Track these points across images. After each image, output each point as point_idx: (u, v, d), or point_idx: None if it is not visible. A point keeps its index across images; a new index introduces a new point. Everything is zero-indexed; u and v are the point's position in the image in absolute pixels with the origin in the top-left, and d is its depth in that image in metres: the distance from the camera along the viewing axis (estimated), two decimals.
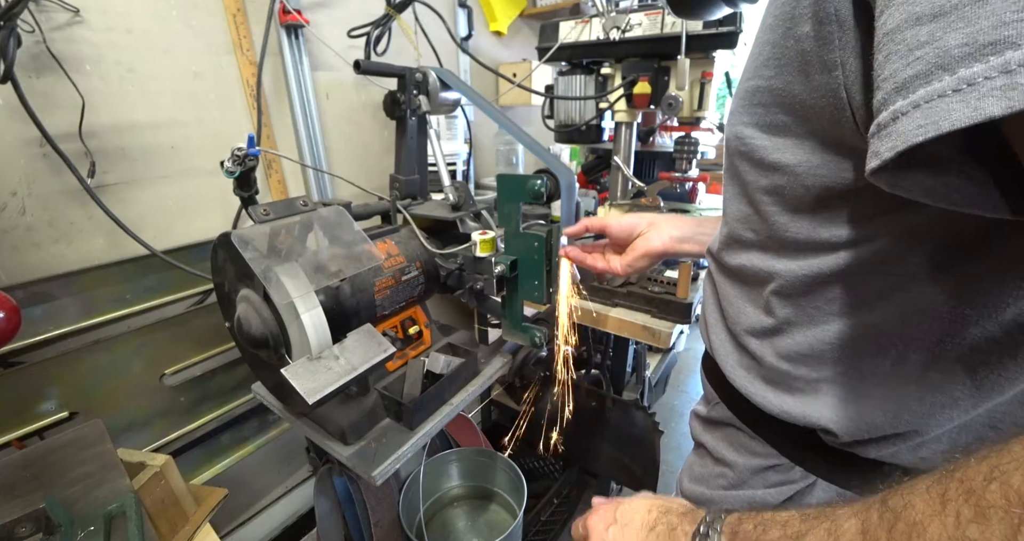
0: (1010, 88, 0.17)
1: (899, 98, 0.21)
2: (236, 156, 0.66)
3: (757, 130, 0.37)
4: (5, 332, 0.65)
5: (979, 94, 0.18)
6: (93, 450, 0.65)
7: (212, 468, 1.17)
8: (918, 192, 0.23)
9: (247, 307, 0.66)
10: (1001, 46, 0.18)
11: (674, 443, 1.93)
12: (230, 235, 0.63)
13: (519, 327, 0.82)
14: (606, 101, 1.13)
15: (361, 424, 0.76)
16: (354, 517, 0.97)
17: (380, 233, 0.85)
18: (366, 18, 1.19)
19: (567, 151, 1.66)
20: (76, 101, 0.83)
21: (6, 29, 0.71)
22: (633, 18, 1.03)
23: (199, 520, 0.76)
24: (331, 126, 1.27)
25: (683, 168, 1.13)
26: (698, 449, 0.56)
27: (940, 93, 0.19)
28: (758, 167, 0.38)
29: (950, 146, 0.20)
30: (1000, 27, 0.18)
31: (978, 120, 0.18)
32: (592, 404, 1.37)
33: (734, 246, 0.44)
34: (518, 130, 0.83)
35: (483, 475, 1.35)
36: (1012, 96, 0.17)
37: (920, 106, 0.20)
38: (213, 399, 1.16)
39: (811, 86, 0.31)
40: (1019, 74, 0.17)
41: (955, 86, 0.19)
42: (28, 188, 0.83)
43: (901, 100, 0.21)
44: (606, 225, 0.70)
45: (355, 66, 0.84)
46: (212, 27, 1.01)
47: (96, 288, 0.93)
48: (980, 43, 0.18)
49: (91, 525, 0.53)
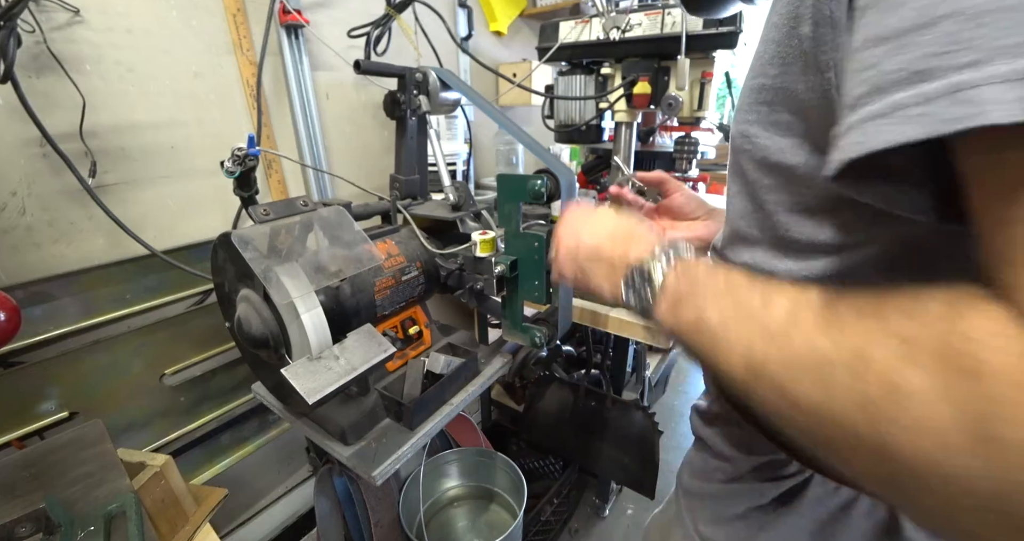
0: (927, 115, 0.19)
1: (849, 113, 0.23)
2: (236, 156, 0.66)
3: (761, 128, 0.37)
4: (5, 332, 0.65)
5: (904, 118, 0.20)
6: (93, 450, 0.65)
7: (212, 468, 1.17)
8: (880, 199, 0.25)
9: (247, 307, 0.66)
10: (927, 75, 0.20)
11: (674, 443, 1.93)
12: (230, 235, 0.63)
13: (519, 327, 0.82)
14: (606, 101, 1.13)
15: (361, 424, 0.76)
16: (354, 517, 0.97)
17: (380, 233, 0.85)
18: (366, 18, 1.19)
19: (567, 151, 1.66)
20: (76, 101, 0.83)
21: (6, 29, 0.71)
22: (633, 18, 1.03)
23: (199, 520, 0.76)
24: (331, 126, 1.27)
25: (683, 168, 1.13)
26: (698, 443, 0.56)
27: (876, 114, 0.21)
28: (762, 165, 0.38)
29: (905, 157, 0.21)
30: (929, 57, 0.20)
31: (901, 142, 0.20)
32: (592, 404, 1.37)
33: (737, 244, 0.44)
34: (518, 130, 0.83)
35: (483, 475, 1.35)
36: (927, 122, 0.19)
37: (855, 127, 0.22)
38: (213, 399, 1.16)
39: (809, 86, 0.31)
40: (937, 103, 0.19)
41: (886, 109, 0.21)
42: (28, 188, 0.83)
43: (850, 115, 0.23)
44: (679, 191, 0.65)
45: (355, 66, 0.84)
46: (212, 27, 1.01)
47: (96, 288, 0.93)
48: (911, 70, 0.20)
49: (91, 525, 0.53)
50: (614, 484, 1.63)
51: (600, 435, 1.37)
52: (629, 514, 1.63)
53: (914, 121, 0.20)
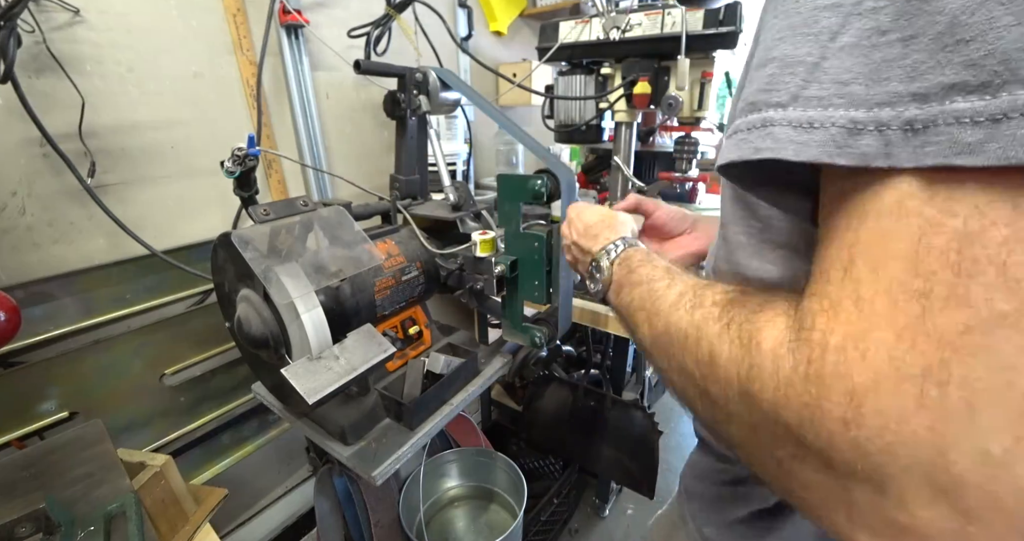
0: (746, 141, 0.24)
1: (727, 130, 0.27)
2: (236, 156, 0.66)
3: None
4: (5, 332, 0.65)
5: (736, 141, 0.25)
6: (93, 450, 0.65)
7: (212, 468, 1.17)
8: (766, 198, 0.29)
9: (247, 307, 0.66)
10: (754, 107, 0.24)
11: (674, 443, 1.93)
12: (230, 235, 0.63)
13: (519, 327, 0.82)
14: (606, 101, 1.13)
15: (361, 424, 0.76)
16: (354, 517, 0.97)
17: (380, 233, 0.85)
18: (366, 18, 1.19)
19: (567, 151, 1.66)
20: (76, 101, 0.83)
21: (6, 29, 0.71)
22: (633, 18, 1.03)
23: (199, 520, 0.76)
24: (331, 126, 1.27)
25: (683, 168, 1.13)
26: (700, 444, 0.55)
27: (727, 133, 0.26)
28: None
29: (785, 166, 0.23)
30: (759, 92, 0.24)
31: (733, 160, 0.25)
32: (592, 404, 1.37)
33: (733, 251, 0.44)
34: (518, 130, 0.83)
35: (483, 475, 1.35)
36: (745, 147, 0.24)
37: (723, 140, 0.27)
38: (213, 399, 1.16)
39: None
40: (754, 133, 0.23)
41: (730, 132, 0.26)
42: (28, 188, 0.83)
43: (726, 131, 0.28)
44: (657, 208, 0.66)
45: (355, 66, 0.84)
46: (212, 27, 1.01)
47: (96, 288, 0.93)
48: (747, 101, 0.25)
49: (91, 525, 0.53)
50: (614, 484, 1.63)
51: (600, 435, 1.37)
52: (629, 514, 1.63)
53: (740, 145, 0.24)
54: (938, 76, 0.18)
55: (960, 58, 0.17)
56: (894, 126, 0.19)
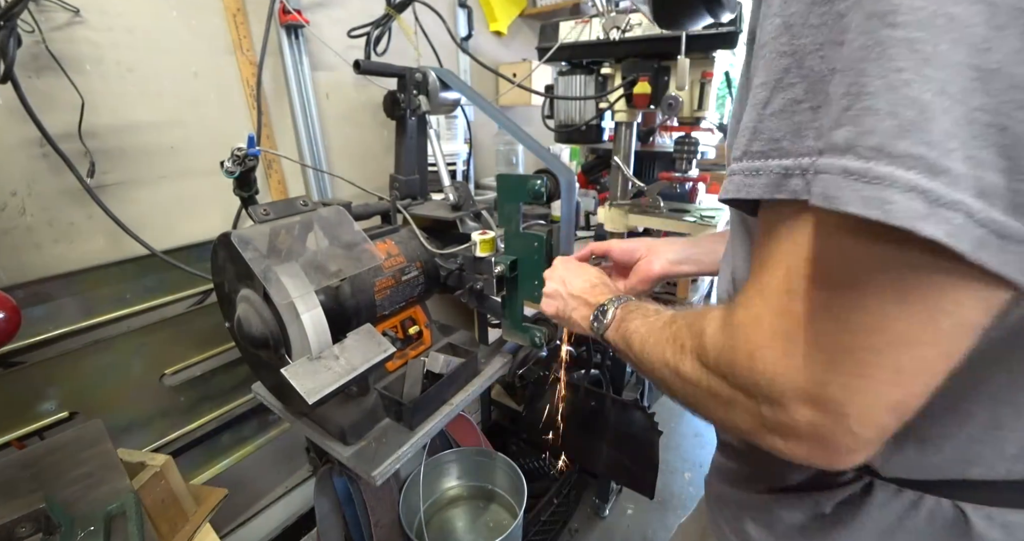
0: (731, 183, 0.31)
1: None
2: (236, 156, 0.66)
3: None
4: (5, 332, 0.65)
5: (728, 181, 0.31)
6: (93, 450, 0.65)
7: (212, 468, 1.17)
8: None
9: (247, 307, 0.66)
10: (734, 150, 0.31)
11: (674, 443, 1.93)
12: (230, 235, 0.63)
13: (519, 327, 0.82)
14: (606, 101, 1.13)
15: (361, 424, 0.76)
16: (354, 517, 0.97)
17: (380, 233, 0.85)
18: (366, 18, 1.19)
19: (567, 151, 1.66)
20: (76, 101, 0.83)
21: (6, 29, 0.71)
22: (633, 18, 1.03)
23: (199, 520, 0.76)
24: (331, 126, 1.27)
25: (683, 168, 1.13)
26: (727, 450, 0.53)
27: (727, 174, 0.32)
28: None
29: None
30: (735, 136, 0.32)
31: (721, 198, 0.32)
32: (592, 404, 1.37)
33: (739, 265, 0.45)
34: (518, 130, 0.83)
35: (483, 475, 1.35)
36: (726, 189, 0.31)
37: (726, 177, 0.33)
38: (213, 399, 1.16)
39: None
40: (732, 179, 0.31)
41: (727, 172, 0.32)
42: (28, 188, 0.83)
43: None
44: (609, 249, 0.72)
45: (355, 66, 0.84)
46: (212, 27, 1.01)
47: (96, 288, 0.93)
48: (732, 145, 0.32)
49: (91, 525, 0.53)
50: (614, 484, 1.63)
51: (600, 435, 1.37)
52: (629, 514, 1.63)
53: (724, 187, 0.32)
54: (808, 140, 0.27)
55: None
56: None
